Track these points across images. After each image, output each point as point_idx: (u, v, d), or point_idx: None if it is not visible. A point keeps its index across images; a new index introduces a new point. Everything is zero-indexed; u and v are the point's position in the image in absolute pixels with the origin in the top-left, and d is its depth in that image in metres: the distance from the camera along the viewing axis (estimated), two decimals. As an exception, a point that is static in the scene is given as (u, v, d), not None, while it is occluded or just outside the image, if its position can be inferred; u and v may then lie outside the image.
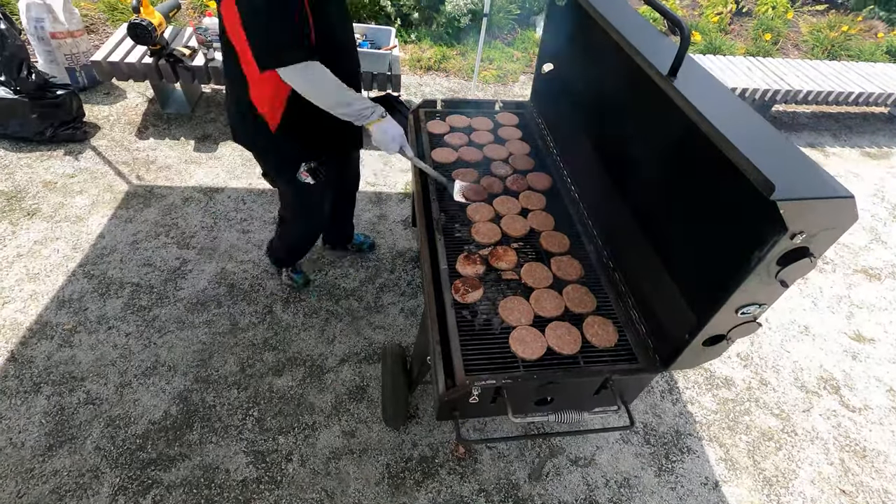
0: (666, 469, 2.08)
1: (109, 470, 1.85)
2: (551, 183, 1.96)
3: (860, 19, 6.00)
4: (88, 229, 2.71)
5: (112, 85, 3.76)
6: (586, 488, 1.99)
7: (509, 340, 1.39)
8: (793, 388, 2.46)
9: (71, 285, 2.43)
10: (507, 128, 2.22)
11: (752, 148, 0.91)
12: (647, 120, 1.48)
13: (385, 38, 3.51)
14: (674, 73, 1.13)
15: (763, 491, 2.06)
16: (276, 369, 2.22)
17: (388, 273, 2.70)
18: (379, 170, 3.40)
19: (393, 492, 1.90)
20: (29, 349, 2.17)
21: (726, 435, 2.23)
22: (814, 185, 0.89)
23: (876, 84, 4.23)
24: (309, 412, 2.09)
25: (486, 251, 1.65)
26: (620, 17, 1.41)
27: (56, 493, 1.78)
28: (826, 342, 2.71)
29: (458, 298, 1.48)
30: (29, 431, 1.92)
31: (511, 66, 4.76)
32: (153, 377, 2.13)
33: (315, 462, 1.95)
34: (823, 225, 0.89)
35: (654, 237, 1.44)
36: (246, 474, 1.89)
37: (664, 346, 1.36)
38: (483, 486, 1.94)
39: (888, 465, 2.20)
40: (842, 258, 3.27)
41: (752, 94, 4.00)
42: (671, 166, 1.38)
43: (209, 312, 2.40)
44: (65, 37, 3.43)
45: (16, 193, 2.85)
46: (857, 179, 4.05)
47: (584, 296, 1.54)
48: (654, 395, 2.34)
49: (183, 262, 2.61)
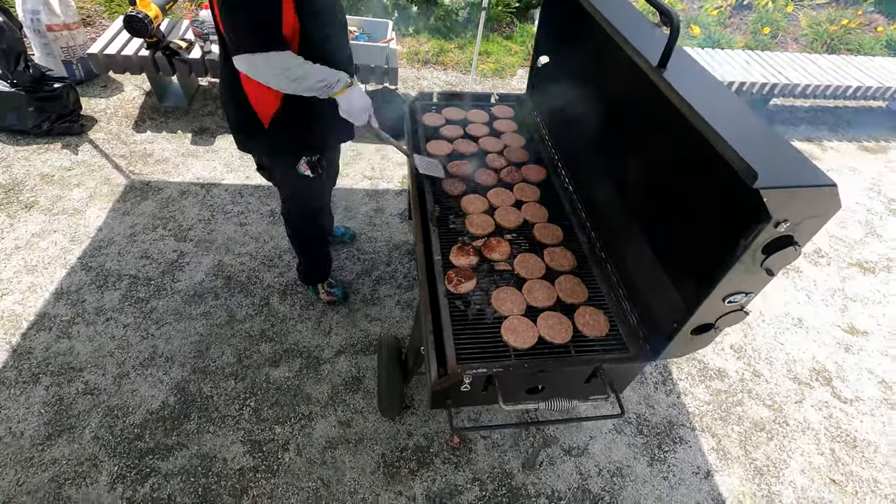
0: (658, 459, 2.11)
1: (108, 459, 1.87)
2: (545, 175, 1.97)
3: (860, 13, 5.98)
4: (86, 222, 2.72)
5: (109, 78, 3.76)
6: (579, 477, 2.01)
7: (501, 330, 1.41)
8: (785, 380, 2.48)
9: (69, 277, 2.45)
10: (503, 120, 2.23)
11: (737, 137, 0.92)
12: (637, 112, 1.49)
13: (382, 31, 3.50)
14: (663, 64, 1.14)
15: (754, 480, 2.09)
16: (273, 360, 2.24)
17: (384, 266, 2.72)
18: (376, 163, 3.41)
19: (388, 481, 1.92)
20: (28, 340, 2.19)
21: (719, 425, 2.26)
22: (797, 173, 0.90)
23: (874, 78, 4.22)
24: (305, 402, 2.11)
25: (480, 242, 1.67)
26: (613, 8, 1.42)
27: (55, 482, 1.80)
28: (819, 334, 2.73)
29: (452, 289, 1.50)
30: (28, 421, 1.94)
31: (509, 59, 4.75)
32: (151, 368, 2.15)
33: (311, 451, 1.97)
34: (807, 213, 0.91)
35: (645, 228, 1.45)
36: (243, 463, 1.91)
37: (654, 335, 1.37)
38: (477, 475, 1.97)
39: (878, 455, 2.23)
40: (836, 251, 3.28)
41: (749, 88, 3.99)
42: (661, 157, 1.39)
43: (206, 304, 2.42)
44: (61, 29, 3.42)
45: (13, 186, 2.86)
46: (853, 173, 4.06)
47: (576, 286, 1.56)
48: (648, 386, 2.36)
49: (180, 255, 2.62)
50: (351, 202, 3.06)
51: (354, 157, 3.43)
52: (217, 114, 3.60)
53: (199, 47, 3.25)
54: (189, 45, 3.24)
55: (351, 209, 3.02)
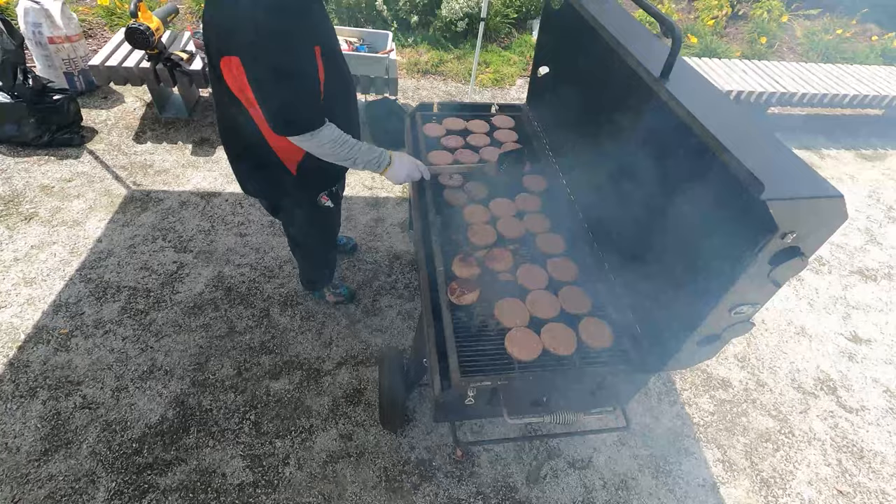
0: (663, 471, 2.08)
1: (105, 474, 1.84)
2: (547, 185, 1.97)
3: (854, 22, 6.04)
4: (86, 233, 2.71)
5: (110, 89, 3.77)
6: (584, 490, 1.99)
7: (505, 342, 1.39)
8: (790, 390, 2.46)
9: (68, 289, 2.43)
10: (503, 130, 2.23)
11: (742, 148, 0.92)
12: (639, 122, 1.48)
13: (382, 42, 3.53)
14: (666, 74, 1.14)
15: (760, 492, 2.06)
16: (273, 373, 2.22)
17: (385, 276, 2.70)
18: (377, 174, 3.40)
19: (390, 495, 1.89)
20: (25, 353, 2.17)
21: (724, 436, 2.23)
22: (803, 184, 0.89)
23: (870, 86, 4.25)
24: (306, 416, 2.09)
25: (483, 253, 1.66)
26: (614, 20, 1.43)
27: (51, 498, 1.77)
28: (823, 343, 2.72)
29: (454, 300, 1.48)
30: (24, 436, 1.92)
31: (508, 69, 4.78)
32: (150, 381, 2.13)
33: (312, 465, 1.94)
34: (814, 224, 0.90)
35: (649, 238, 1.45)
36: (243, 478, 1.88)
37: (659, 346, 1.36)
38: (480, 489, 1.94)
39: (885, 466, 2.20)
40: (837, 259, 3.28)
41: (747, 97, 4.02)
42: (664, 167, 1.38)
43: (206, 316, 2.40)
44: (62, 41, 3.44)
45: (13, 197, 2.85)
46: (851, 181, 4.07)
47: (579, 297, 1.54)
48: (652, 397, 2.34)
49: (180, 266, 2.61)
50: (351, 212, 3.06)
51: (355, 167, 3.43)
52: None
53: (200, 59, 3.26)
54: (190, 56, 3.26)
55: (351, 219, 3.01)
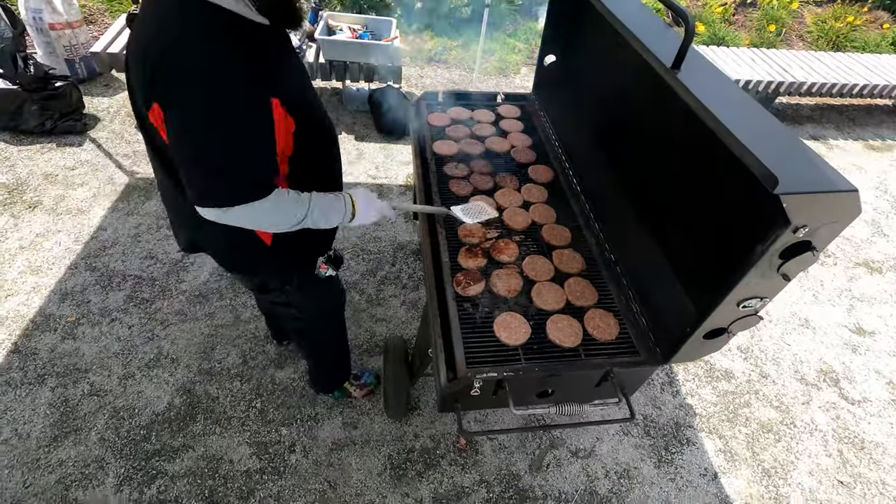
0: (665, 460, 2.10)
1: (114, 460, 1.87)
2: (553, 176, 1.96)
3: (866, 9, 5.93)
4: (90, 222, 2.71)
5: (111, 76, 3.74)
6: (586, 479, 2.01)
7: (494, 327, 1.39)
8: (792, 381, 2.47)
9: (73, 278, 2.44)
10: (509, 120, 2.21)
11: (756, 141, 0.90)
12: (650, 112, 1.47)
13: (386, 29, 3.48)
14: (678, 65, 1.12)
15: (762, 482, 2.08)
16: (279, 361, 2.23)
17: (389, 266, 2.70)
18: (380, 162, 3.39)
19: (395, 483, 1.92)
20: (33, 341, 2.18)
21: (726, 427, 2.25)
22: (817, 178, 0.88)
23: (880, 76, 4.19)
24: (311, 404, 2.10)
25: (488, 244, 1.65)
26: (623, 7, 1.40)
27: (62, 483, 1.80)
28: (826, 335, 2.72)
29: (460, 291, 1.48)
30: (34, 422, 1.94)
31: (513, 57, 4.72)
32: (156, 369, 2.15)
33: (317, 453, 1.96)
34: (826, 219, 0.89)
35: (657, 230, 1.44)
36: (249, 465, 1.91)
37: (665, 339, 1.36)
38: (484, 477, 1.96)
39: (886, 457, 2.22)
40: (843, 251, 3.26)
41: (755, 86, 3.97)
42: (674, 159, 1.37)
43: (211, 305, 2.41)
44: (63, 28, 3.41)
45: (17, 186, 2.85)
46: (860, 172, 4.03)
47: (585, 289, 1.54)
48: (655, 388, 2.35)
49: (185, 255, 2.61)
50: (355, 202, 3.05)
51: (358, 156, 3.41)
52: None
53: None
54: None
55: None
